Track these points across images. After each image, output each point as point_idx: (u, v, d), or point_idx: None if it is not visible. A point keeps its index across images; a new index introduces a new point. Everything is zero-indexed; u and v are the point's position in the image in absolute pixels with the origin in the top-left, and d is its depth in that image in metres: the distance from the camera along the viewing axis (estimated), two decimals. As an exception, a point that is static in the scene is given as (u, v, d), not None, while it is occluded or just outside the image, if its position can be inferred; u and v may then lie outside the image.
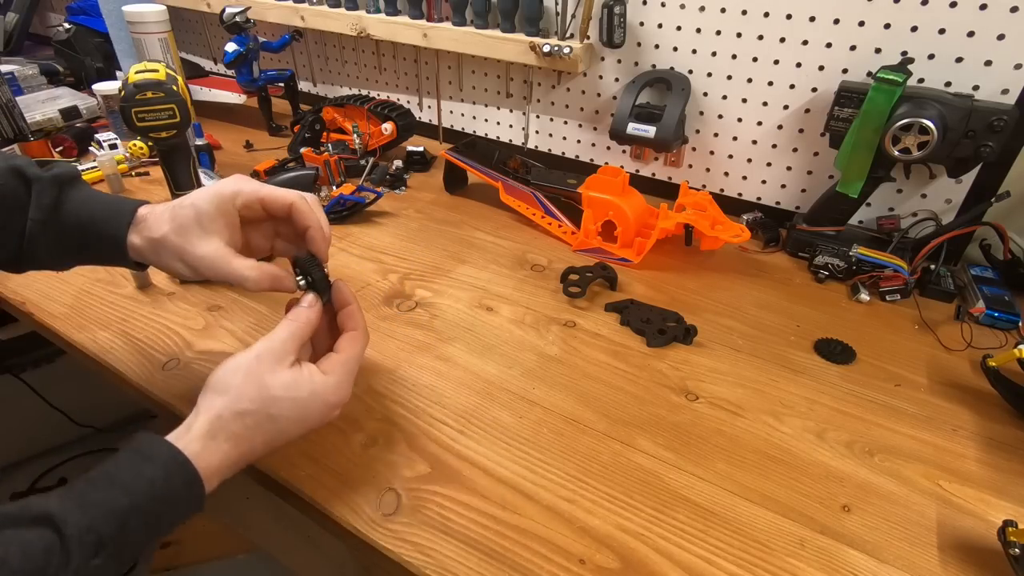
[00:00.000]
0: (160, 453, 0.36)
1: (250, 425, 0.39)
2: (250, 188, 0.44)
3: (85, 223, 0.45)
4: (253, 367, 0.40)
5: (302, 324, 0.43)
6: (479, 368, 0.58)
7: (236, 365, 0.40)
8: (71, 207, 0.45)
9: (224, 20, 1.01)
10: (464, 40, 0.97)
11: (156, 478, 0.35)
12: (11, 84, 1.13)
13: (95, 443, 1.33)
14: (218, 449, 0.37)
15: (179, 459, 0.36)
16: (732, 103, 0.86)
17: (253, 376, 0.39)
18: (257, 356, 0.40)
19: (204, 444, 0.37)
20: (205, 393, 0.39)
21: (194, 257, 0.43)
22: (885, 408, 0.56)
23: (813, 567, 0.42)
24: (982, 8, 0.66)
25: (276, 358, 0.40)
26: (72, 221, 0.44)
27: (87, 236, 0.45)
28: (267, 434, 0.39)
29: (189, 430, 0.38)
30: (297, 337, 0.42)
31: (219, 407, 0.38)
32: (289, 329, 0.42)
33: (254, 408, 0.39)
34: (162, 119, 0.63)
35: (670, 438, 0.51)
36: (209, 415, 0.38)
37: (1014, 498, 0.48)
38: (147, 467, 0.35)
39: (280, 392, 0.39)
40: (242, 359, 0.40)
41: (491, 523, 0.43)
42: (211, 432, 0.38)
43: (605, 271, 0.72)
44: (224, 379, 0.39)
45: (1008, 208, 0.72)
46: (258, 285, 0.43)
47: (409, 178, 0.99)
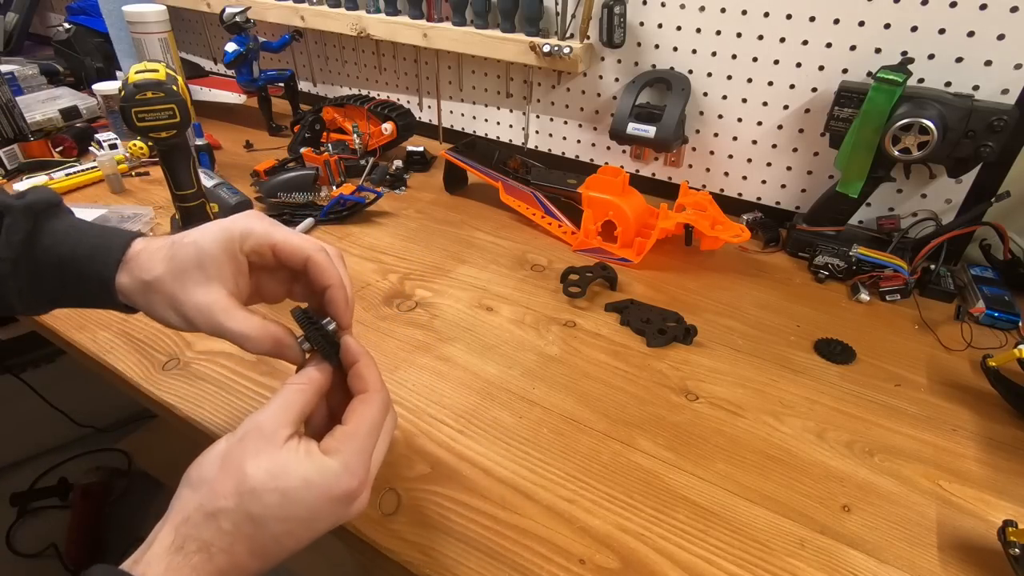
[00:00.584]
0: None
1: (227, 530, 0.29)
2: (262, 230, 0.37)
3: (65, 260, 0.37)
4: (233, 452, 0.31)
5: (302, 390, 0.34)
6: (479, 368, 0.58)
7: (216, 451, 0.31)
8: (48, 242, 0.37)
9: (224, 20, 1.01)
10: (464, 40, 0.97)
11: None
12: (11, 84, 1.13)
13: (95, 443, 1.33)
14: (186, 565, 0.28)
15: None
16: (732, 103, 0.86)
17: (231, 463, 0.30)
18: (241, 438, 0.31)
19: (168, 561, 0.28)
20: (179, 488, 0.31)
21: (189, 306, 0.35)
22: (885, 408, 0.56)
23: (813, 567, 0.42)
24: (982, 8, 0.66)
25: (264, 437, 0.31)
26: (49, 259, 0.37)
27: (66, 276, 0.37)
28: (251, 541, 0.30)
29: (150, 545, 0.29)
30: (294, 407, 0.33)
31: (189, 507, 0.30)
32: (284, 398, 0.33)
33: (230, 506, 0.29)
34: (162, 119, 0.62)
35: (670, 438, 0.51)
36: (176, 519, 0.29)
37: (1014, 498, 0.48)
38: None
39: (261, 482, 0.30)
40: (224, 443, 0.32)
41: (491, 523, 0.43)
42: (176, 543, 0.29)
43: (605, 271, 0.72)
44: (200, 470, 0.31)
45: (1008, 208, 0.72)
46: (258, 347, 0.35)
47: (409, 178, 0.99)
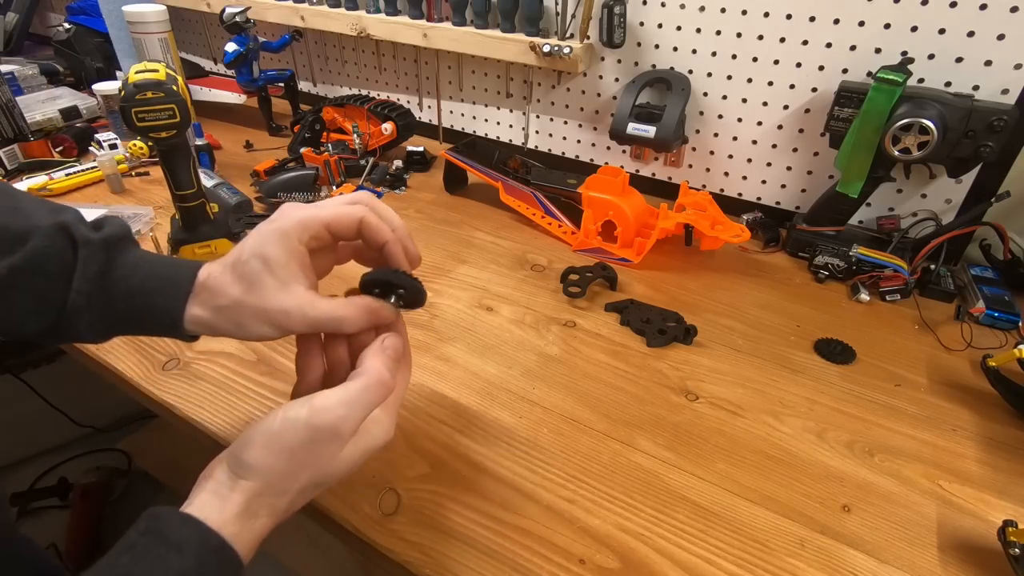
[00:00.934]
0: (189, 538, 0.30)
1: (295, 500, 0.33)
2: (311, 216, 0.37)
3: (136, 294, 0.38)
4: (308, 453, 0.32)
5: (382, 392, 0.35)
6: (479, 368, 0.58)
7: (285, 444, 0.32)
8: (120, 275, 0.38)
9: (224, 20, 1.01)
10: (464, 40, 0.97)
11: (188, 570, 0.28)
12: (11, 84, 1.13)
13: (95, 443, 1.33)
14: (257, 525, 0.32)
15: (213, 544, 0.30)
16: (732, 103, 0.86)
17: (307, 463, 0.33)
18: (316, 443, 0.32)
19: (242, 524, 0.31)
20: (245, 463, 0.32)
21: (277, 313, 0.36)
22: (885, 408, 0.56)
23: (813, 567, 0.42)
24: (982, 8, 0.66)
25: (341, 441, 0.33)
26: (121, 292, 0.38)
27: (136, 309, 0.38)
28: (308, 497, 0.34)
29: (223, 504, 0.31)
30: (367, 411, 0.34)
31: (260, 487, 0.32)
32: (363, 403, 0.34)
33: (301, 487, 0.33)
34: (162, 119, 0.62)
35: (670, 438, 0.51)
36: (248, 495, 0.32)
37: (1014, 498, 0.48)
38: (175, 558, 0.29)
39: (337, 469, 0.34)
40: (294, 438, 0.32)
41: (491, 523, 0.43)
42: (251, 511, 0.31)
43: (605, 271, 0.72)
44: (267, 458, 0.32)
45: (1008, 208, 0.72)
46: (355, 324, 0.37)
47: (409, 178, 0.99)
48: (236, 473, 0.32)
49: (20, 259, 0.36)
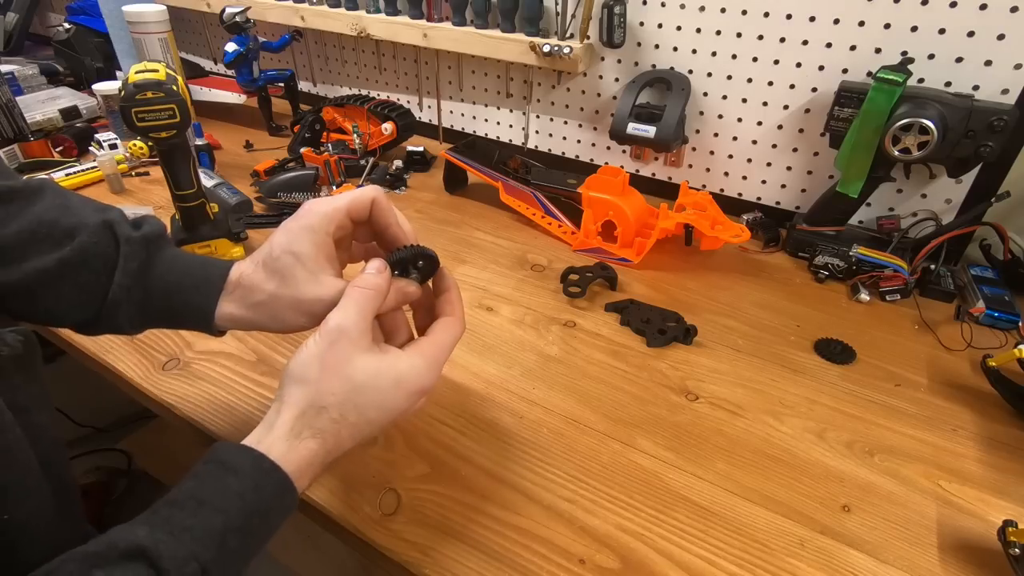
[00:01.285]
0: (244, 463, 0.33)
1: (335, 419, 0.35)
2: (334, 208, 0.40)
3: (172, 291, 0.41)
4: (330, 358, 0.36)
5: (371, 293, 0.38)
6: (479, 368, 0.58)
7: (310, 354, 0.36)
8: (158, 272, 0.41)
9: (224, 20, 1.01)
10: (464, 40, 0.97)
11: (245, 490, 0.32)
12: (11, 84, 1.14)
13: (95, 443, 1.33)
14: (304, 447, 0.35)
15: (265, 466, 0.33)
16: (732, 103, 0.86)
17: (332, 366, 0.36)
18: (332, 343, 0.36)
19: (289, 444, 0.34)
20: (284, 385, 0.36)
21: (315, 302, 0.39)
22: (885, 408, 0.56)
23: (813, 567, 0.42)
24: (982, 8, 0.66)
25: (353, 342, 0.36)
26: (158, 288, 0.41)
27: (172, 305, 0.41)
28: (353, 427, 0.36)
29: (271, 429, 0.35)
30: (369, 311, 0.37)
31: (301, 403, 0.35)
32: (359, 304, 0.37)
33: (337, 401, 0.35)
34: (162, 119, 0.62)
35: (670, 438, 0.51)
36: (292, 412, 0.35)
37: (1014, 498, 0.48)
38: (233, 480, 0.32)
39: (364, 379, 0.36)
40: (315, 349, 0.36)
41: (491, 523, 0.43)
42: (295, 430, 0.35)
43: (605, 271, 0.72)
44: (302, 370, 0.36)
45: (1008, 208, 0.72)
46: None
47: (409, 178, 0.99)
48: (278, 399, 0.36)
49: (69, 252, 0.39)
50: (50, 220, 0.39)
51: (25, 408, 0.35)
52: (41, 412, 0.37)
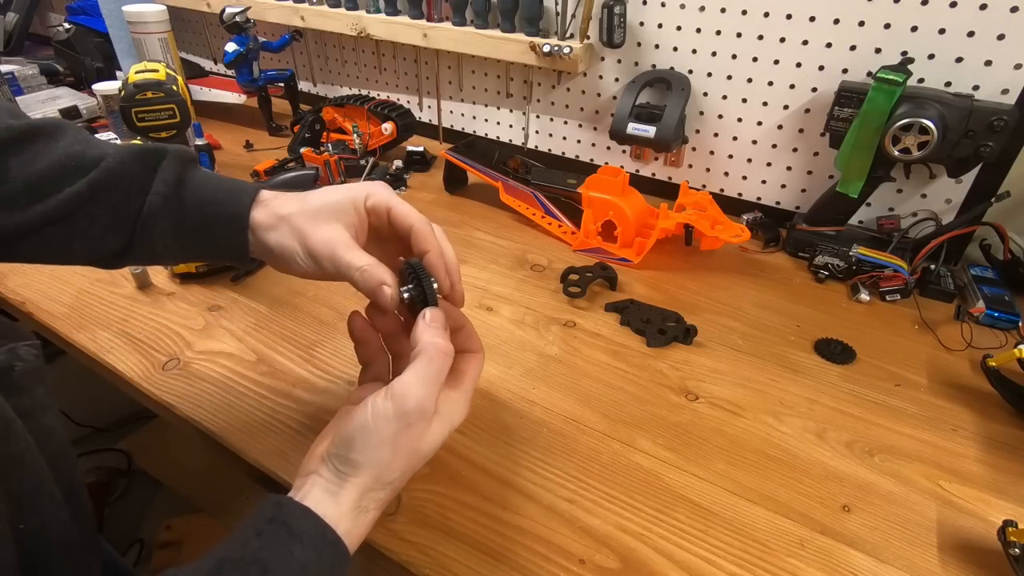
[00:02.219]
0: (309, 530, 0.32)
1: (398, 487, 0.36)
2: (384, 193, 0.41)
3: (206, 201, 0.41)
4: (406, 439, 0.35)
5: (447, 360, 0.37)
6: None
7: (383, 436, 0.34)
8: (194, 184, 0.41)
9: (224, 20, 1.01)
10: (464, 40, 0.97)
11: (308, 561, 0.31)
12: (11, 84, 1.14)
13: (95, 443, 1.33)
14: (365, 520, 0.35)
15: (329, 538, 0.32)
16: (732, 103, 0.86)
17: (406, 448, 0.35)
18: (409, 426, 0.35)
19: (355, 519, 0.34)
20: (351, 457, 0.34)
21: (315, 239, 0.39)
22: (885, 408, 0.56)
23: (813, 567, 0.42)
24: (982, 8, 0.66)
25: (427, 419, 0.36)
26: (194, 198, 0.41)
27: (207, 216, 0.40)
28: (404, 482, 0.37)
29: (337, 502, 0.34)
30: (440, 383, 0.37)
31: (369, 482, 0.35)
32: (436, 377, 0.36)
33: (402, 471, 0.36)
34: (162, 119, 0.62)
35: (670, 438, 0.51)
36: (359, 489, 0.34)
37: (1014, 498, 0.48)
38: (298, 549, 0.31)
39: (428, 449, 0.37)
40: (388, 428, 0.34)
41: (491, 523, 0.43)
42: (362, 506, 0.34)
43: (605, 271, 0.72)
44: (371, 452, 0.34)
45: (1008, 208, 0.72)
46: (365, 283, 0.38)
47: (409, 178, 0.99)
48: (344, 472, 0.34)
49: (97, 175, 0.38)
50: (77, 153, 0.39)
51: (31, 412, 0.34)
52: (47, 415, 0.37)
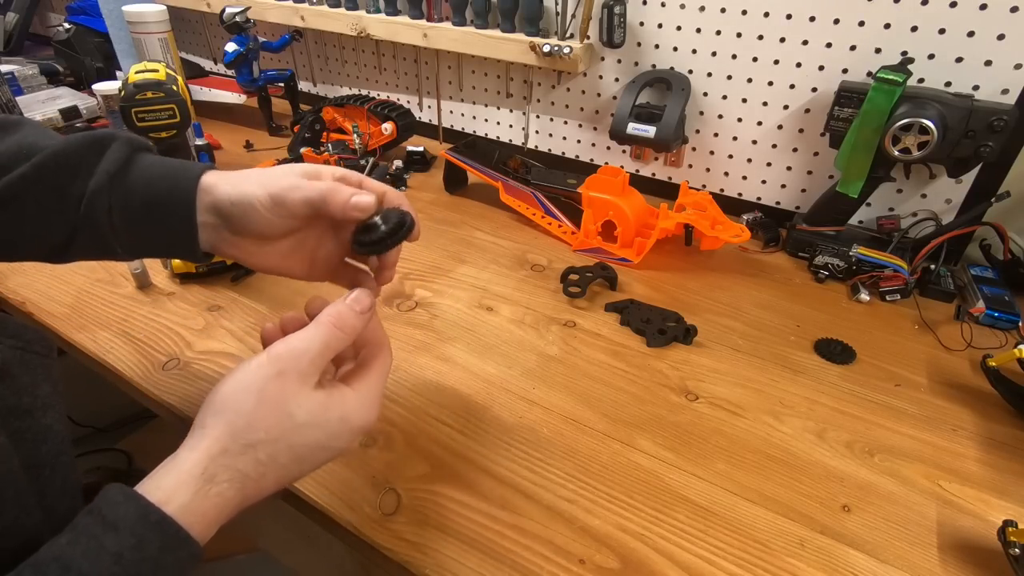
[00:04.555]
0: (126, 516, 0.28)
1: (263, 460, 0.31)
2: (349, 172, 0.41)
3: (155, 177, 0.39)
4: (273, 389, 0.32)
5: (343, 339, 0.35)
6: (479, 368, 0.58)
7: (249, 383, 0.32)
8: (144, 164, 0.39)
9: (224, 20, 1.01)
10: (464, 40, 0.97)
11: (123, 550, 0.27)
12: (11, 84, 1.13)
13: (95, 443, 1.33)
14: (216, 494, 0.30)
15: (152, 519, 0.28)
16: (732, 103, 0.86)
17: (272, 400, 0.32)
18: (280, 373, 0.32)
19: (197, 489, 0.29)
20: (206, 415, 0.31)
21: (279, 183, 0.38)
22: (885, 408, 0.56)
23: (813, 567, 0.42)
24: (982, 8, 0.66)
25: (303, 377, 0.33)
26: (141, 178, 0.39)
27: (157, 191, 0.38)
28: (282, 470, 0.32)
29: (177, 469, 0.30)
30: (333, 350, 0.34)
31: (223, 438, 0.30)
32: (324, 340, 0.34)
33: (270, 439, 0.31)
34: (162, 119, 0.62)
35: (670, 438, 0.51)
36: (209, 450, 0.30)
37: (1014, 498, 0.48)
38: (111, 539, 0.27)
39: (306, 419, 0.32)
40: (257, 375, 0.32)
41: (491, 523, 0.43)
42: (208, 473, 0.30)
43: (605, 271, 0.72)
44: (233, 400, 0.31)
45: (1008, 208, 0.72)
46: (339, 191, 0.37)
47: (409, 178, 0.99)
48: (197, 432, 0.31)
49: (43, 157, 0.37)
50: (30, 143, 0.38)
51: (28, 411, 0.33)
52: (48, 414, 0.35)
